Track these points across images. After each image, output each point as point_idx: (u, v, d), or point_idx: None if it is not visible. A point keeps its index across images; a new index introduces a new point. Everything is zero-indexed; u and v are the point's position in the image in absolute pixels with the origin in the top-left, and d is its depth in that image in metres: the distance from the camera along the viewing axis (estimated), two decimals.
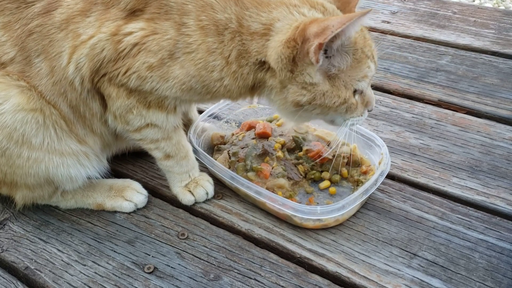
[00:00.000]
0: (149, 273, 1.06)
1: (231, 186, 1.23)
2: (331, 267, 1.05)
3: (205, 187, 1.21)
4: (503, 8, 3.20)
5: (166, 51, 0.98)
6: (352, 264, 1.05)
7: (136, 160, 1.36)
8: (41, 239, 1.15)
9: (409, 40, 1.89)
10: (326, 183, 1.23)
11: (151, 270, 1.06)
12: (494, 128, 1.42)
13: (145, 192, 1.23)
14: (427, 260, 1.06)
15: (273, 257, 1.08)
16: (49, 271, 1.08)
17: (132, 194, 1.21)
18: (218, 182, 1.26)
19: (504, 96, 1.55)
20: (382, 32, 1.96)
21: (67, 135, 1.10)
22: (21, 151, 1.06)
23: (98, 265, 1.08)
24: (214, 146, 1.36)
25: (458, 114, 1.49)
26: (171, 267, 1.07)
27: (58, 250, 1.12)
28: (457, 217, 1.15)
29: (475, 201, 1.19)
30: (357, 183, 1.22)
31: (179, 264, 1.08)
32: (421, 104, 1.54)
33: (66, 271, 1.07)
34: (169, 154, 1.16)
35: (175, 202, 1.23)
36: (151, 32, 0.97)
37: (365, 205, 1.19)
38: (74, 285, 1.04)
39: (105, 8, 1.01)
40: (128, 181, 1.25)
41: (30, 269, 1.08)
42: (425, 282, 1.01)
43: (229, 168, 1.26)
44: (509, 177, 1.25)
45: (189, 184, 1.22)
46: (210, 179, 1.24)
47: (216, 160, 1.26)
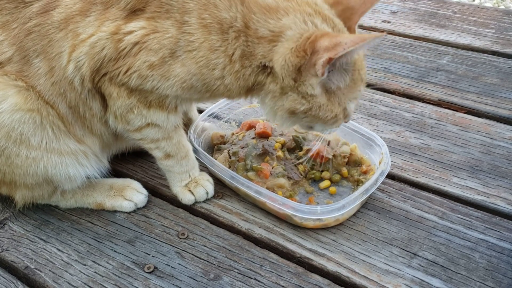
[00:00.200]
0: (149, 272, 1.06)
1: (231, 186, 1.23)
2: (331, 266, 1.05)
3: (205, 187, 1.21)
4: (503, 7, 3.20)
5: (167, 50, 0.98)
6: (352, 263, 1.05)
7: (136, 159, 1.36)
8: (41, 239, 1.15)
9: (409, 39, 1.89)
10: (326, 183, 1.23)
11: (151, 269, 1.06)
12: (494, 128, 1.42)
13: (145, 191, 1.23)
14: (427, 260, 1.05)
15: (273, 256, 1.08)
16: (49, 270, 1.07)
17: (132, 194, 1.21)
18: (218, 182, 1.26)
19: (504, 95, 1.55)
20: (382, 31, 1.95)
21: (65, 134, 1.10)
22: (19, 151, 1.06)
23: (98, 264, 1.08)
24: (214, 146, 1.35)
25: (458, 114, 1.49)
26: (171, 266, 1.07)
27: (58, 249, 1.12)
28: (457, 217, 1.15)
29: (475, 201, 1.19)
30: (357, 183, 1.22)
31: (179, 264, 1.07)
32: (421, 104, 1.54)
33: (66, 271, 1.07)
34: (169, 154, 1.16)
35: (175, 201, 1.23)
36: (152, 31, 0.97)
37: (365, 205, 1.19)
38: (74, 284, 1.04)
39: (105, 8, 1.01)
40: (128, 181, 1.25)
41: (30, 269, 1.08)
42: (425, 282, 1.01)
43: (229, 167, 1.26)
44: (510, 176, 1.25)
45: (189, 183, 1.21)
46: (210, 179, 1.24)
47: (216, 159, 1.26)
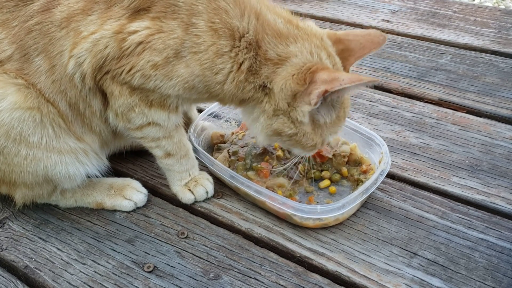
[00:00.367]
0: (149, 272, 1.06)
1: (231, 185, 1.23)
2: (331, 266, 1.05)
3: (205, 186, 1.21)
4: (503, 7, 3.20)
5: (171, 50, 0.98)
6: (352, 263, 1.05)
7: (136, 159, 1.36)
8: (40, 238, 1.15)
9: (409, 39, 1.89)
10: (326, 182, 1.23)
11: (150, 269, 1.06)
12: (494, 127, 1.42)
13: (145, 191, 1.23)
14: (427, 259, 1.05)
15: (273, 256, 1.08)
16: (49, 270, 1.07)
17: (132, 193, 1.21)
18: (218, 181, 1.26)
19: (504, 95, 1.55)
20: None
21: (66, 132, 1.10)
22: (19, 149, 1.05)
23: (98, 264, 1.08)
24: (214, 145, 1.35)
25: (458, 113, 1.49)
26: (171, 266, 1.07)
27: (58, 249, 1.12)
28: (457, 217, 1.15)
29: (475, 201, 1.19)
30: (357, 182, 1.22)
31: (179, 263, 1.07)
32: (421, 103, 1.54)
33: (65, 270, 1.07)
34: (169, 153, 1.16)
35: (175, 201, 1.23)
36: (157, 31, 0.97)
37: (365, 204, 1.19)
38: (73, 284, 1.04)
39: (107, 7, 1.01)
40: (128, 180, 1.25)
41: (29, 268, 1.08)
42: (425, 282, 1.01)
43: (229, 167, 1.25)
44: (510, 176, 1.25)
45: (189, 183, 1.21)
46: (210, 178, 1.24)
47: (216, 159, 1.26)
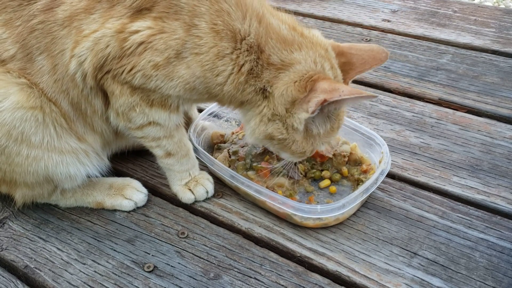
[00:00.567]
0: (149, 272, 1.06)
1: (231, 185, 1.23)
2: (331, 266, 1.05)
3: (205, 186, 1.21)
4: (503, 6, 3.19)
5: (173, 50, 0.98)
6: (352, 263, 1.05)
7: (136, 158, 1.35)
8: (40, 238, 1.15)
9: (409, 38, 1.89)
10: (326, 182, 1.23)
11: (151, 269, 1.06)
12: (494, 127, 1.42)
13: (145, 190, 1.23)
14: (428, 259, 1.05)
15: (273, 256, 1.08)
16: (49, 269, 1.07)
17: (132, 193, 1.21)
18: (218, 181, 1.26)
19: (504, 95, 1.55)
20: (383, 30, 1.95)
21: (67, 132, 1.10)
22: (20, 149, 1.05)
23: (98, 264, 1.08)
24: (214, 145, 1.35)
25: (459, 113, 1.49)
26: (171, 266, 1.07)
27: (58, 248, 1.12)
28: (458, 216, 1.15)
29: (475, 200, 1.19)
30: (358, 182, 1.22)
31: (179, 263, 1.07)
32: (422, 103, 1.54)
33: (65, 270, 1.07)
34: (170, 152, 1.16)
35: (175, 200, 1.23)
36: (158, 31, 0.97)
37: (365, 204, 1.19)
38: (73, 284, 1.04)
39: (110, 6, 1.00)
40: (128, 180, 1.25)
41: (29, 268, 1.08)
42: (426, 281, 1.01)
43: (229, 166, 1.25)
44: (510, 176, 1.25)
45: (189, 182, 1.21)
46: (210, 178, 1.24)
47: (216, 158, 1.26)
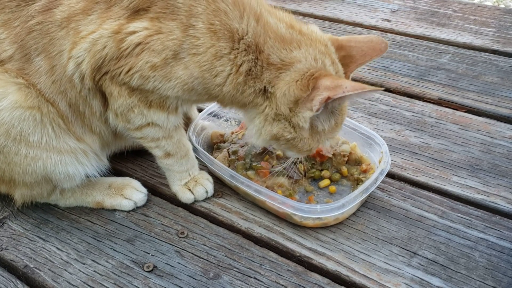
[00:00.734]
0: (149, 271, 1.06)
1: (231, 185, 1.23)
2: (331, 265, 1.05)
3: (205, 186, 1.21)
4: (503, 6, 3.19)
5: (170, 51, 0.97)
6: (352, 262, 1.05)
7: (135, 158, 1.35)
8: (40, 238, 1.15)
9: (409, 38, 1.89)
10: (326, 182, 1.23)
11: (150, 268, 1.06)
12: (494, 127, 1.42)
13: (144, 190, 1.23)
14: (427, 259, 1.05)
15: (272, 255, 1.08)
16: (48, 269, 1.07)
17: (132, 193, 1.21)
18: (218, 181, 1.26)
19: (504, 94, 1.55)
20: (382, 30, 1.95)
21: (65, 132, 1.10)
22: (19, 149, 1.05)
23: (98, 263, 1.08)
24: (213, 145, 1.35)
25: (458, 113, 1.49)
26: (171, 265, 1.07)
27: (57, 248, 1.12)
28: (457, 216, 1.15)
29: (475, 200, 1.19)
30: (357, 182, 1.22)
31: (178, 263, 1.07)
32: (421, 103, 1.54)
33: (65, 270, 1.07)
34: (169, 153, 1.16)
35: (174, 200, 1.23)
36: (156, 32, 0.97)
37: (365, 204, 1.19)
38: (73, 283, 1.04)
39: (107, 7, 1.00)
40: (128, 180, 1.25)
41: (29, 268, 1.08)
42: (425, 281, 1.01)
43: (229, 166, 1.25)
44: (509, 175, 1.25)
45: (189, 182, 1.21)
46: (210, 178, 1.24)
47: (215, 158, 1.26)
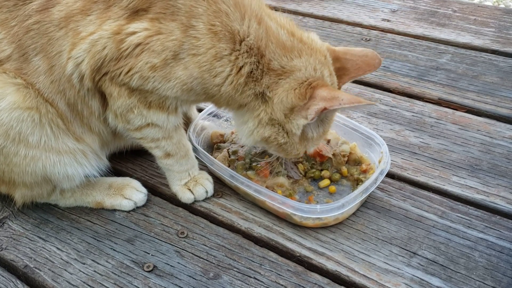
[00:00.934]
0: (149, 271, 1.06)
1: (231, 185, 1.23)
2: (330, 265, 1.05)
3: (205, 186, 1.21)
4: (503, 6, 3.19)
5: (170, 52, 0.97)
6: (351, 262, 1.05)
7: (135, 158, 1.35)
8: (40, 238, 1.15)
9: (409, 38, 1.89)
10: (326, 182, 1.23)
11: (150, 268, 1.06)
12: (494, 127, 1.42)
13: (144, 190, 1.23)
14: (427, 259, 1.05)
15: (272, 255, 1.08)
16: (48, 269, 1.07)
17: (132, 193, 1.21)
18: (218, 181, 1.26)
19: (504, 94, 1.55)
20: (382, 30, 1.95)
21: (64, 133, 1.10)
22: (18, 149, 1.05)
23: (98, 263, 1.08)
24: (213, 145, 1.35)
25: (458, 113, 1.49)
26: (171, 265, 1.07)
27: (58, 248, 1.12)
28: (457, 216, 1.15)
29: (475, 200, 1.19)
30: (357, 182, 1.22)
31: (178, 263, 1.07)
32: (421, 103, 1.54)
33: (65, 270, 1.07)
34: (169, 153, 1.16)
35: (174, 200, 1.23)
36: (155, 32, 0.97)
37: (365, 204, 1.19)
38: (73, 283, 1.04)
39: (106, 7, 1.00)
40: (128, 180, 1.25)
41: (29, 268, 1.08)
42: (425, 281, 1.01)
43: (229, 166, 1.25)
44: (509, 175, 1.25)
45: (189, 182, 1.21)
46: (210, 178, 1.24)
47: (215, 158, 1.26)
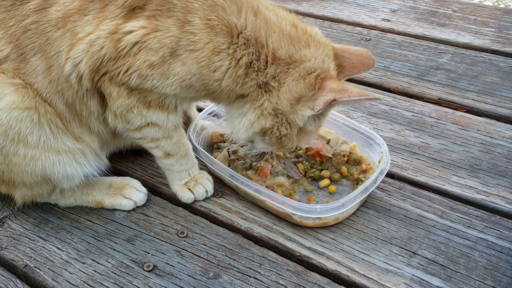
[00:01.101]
0: (149, 271, 1.06)
1: (231, 184, 1.23)
2: (330, 265, 1.05)
3: (205, 185, 1.21)
4: (503, 6, 3.19)
5: (167, 49, 0.97)
6: (351, 262, 1.05)
7: (135, 158, 1.36)
8: (40, 237, 1.15)
9: (409, 38, 1.89)
10: (326, 182, 1.23)
11: (150, 268, 1.06)
12: (494, 127, 1.42)
13: (144, 190, 1.23)
14: (427, 258, 1.06)
15: (272, 255, 1.08)
16: (49, 269, 1.07)
17: (132, 192, 1.21)
18: (218, 180, 1.26)
19: (504, 94, 1.55)
20: (382, 30, 1.95)
21: (63, 133, 1.10)
22: (17, 149, 1.05)
23: (98, 263, 1.08)
24: (213, 144, 1.35)
25: (458, 113, 1.49)
26: (171, 265, 1.07)
27: (58, 248, 1.12)
28: (457, 216, 1.15)
29: (475, 200, 1.19)
30: (357, 182, 1.22)
31: (178, 262, 1.07)
32: (421, 103, 1.54)
33: (65, 269, 1.07)
34: (169, 153, 1.16)
35: (174, 200, 1.23)
36: (152, 30, 0.97)
37: (364, 204, 1.19)
38: (73, 283, 1.04)
39: (103, 6, 1.00)
40: (128, 179, 1.25)
41: (29, 267, 1.08)
42: (425, 281, 1.01)
43: (229, 166, 1.25)
44: (509, 175, 1.25)
45: (189, 182, 1.21)
46: (210, 177, 1.24)
47: (215, 158, 1.26)
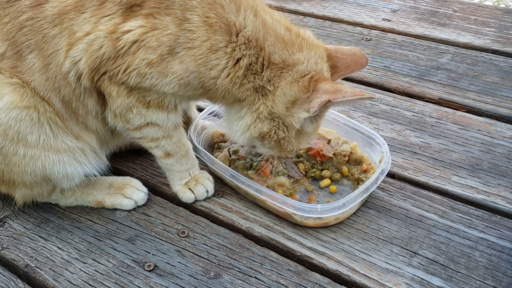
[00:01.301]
0: (150, 271, 1.06)
1: (232, 184, 1.23)
2: (331, 265, 1.05)
3: (205, 185, 1.21)
4: (503, 6, 3.19)
5: (166, 47, 0.97)
6: (352, 262, 1.05)
7: (136, 157, 1.36)
8: (41, 237, 1.15)
9: (409, 38, 1.89)
10: (327, 181, 1.23)
11: (151, 268, 1.06)
12: (494, 127, 1.42)
13: (145, 189, 1.23)
14: (428, 258, 1.06)
15: (273, 255, 1.08)
16: (49, 268, 1.07)
17: (132, 192, 1.21)
18: (219, 180, 1.26)
19: (504, 94, 1.55)
20: (383, 30, 1.95)
21: (63, 131, 1.09)
22: (17, 149, 1.05)
23: (98, 263, 1.08)
24: (214, 144, 1.35)
25: (459, 113, 1.49)
26: (172, 265, 1.07)
27: (58, 248, 1.12)
28: (458, 216, 1.15)
29: (475, 200, 1.19)
30: (358, 182, 1.22)
31: (179, 262, 1.07)
32: (422, 103, 1.54)
33: (66, 269, 1.07)
34: (169, 153, 1.16)
35: (175, 200, 1.23)
36: (151, 28, 0.97)
37: (365, 204, 1.19)
38: (74, 282, 1.04)
39: (100, 3, 1.00)
40: (128, 179, 1.25)
41: (30, 267, 1.08)
42: (426, 281, 1.01)
43: (230, 166, 1.26)
44: (510, 175, 1.25)
45: (189, 182, 1.21)
46: (210, 177, 1.24)
47: (216, 158, 1.26)
